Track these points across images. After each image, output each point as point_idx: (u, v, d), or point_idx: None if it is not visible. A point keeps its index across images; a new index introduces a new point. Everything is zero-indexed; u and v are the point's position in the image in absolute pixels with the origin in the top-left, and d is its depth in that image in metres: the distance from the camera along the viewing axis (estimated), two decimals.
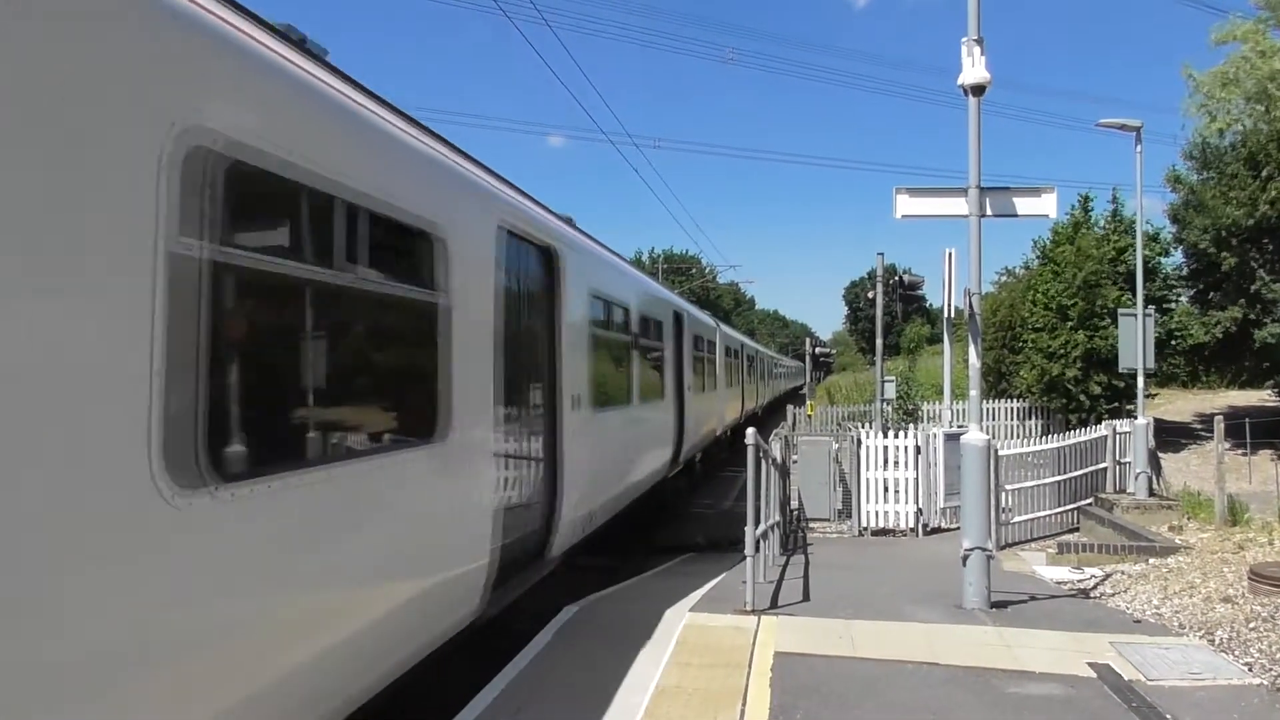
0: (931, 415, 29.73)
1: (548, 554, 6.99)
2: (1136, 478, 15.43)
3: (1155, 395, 27.91)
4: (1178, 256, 29.86)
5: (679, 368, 14.18)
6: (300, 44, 3.98)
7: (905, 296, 31.95)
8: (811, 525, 14.79)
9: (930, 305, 59.57)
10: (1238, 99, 23.92)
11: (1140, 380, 16.89)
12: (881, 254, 29.09)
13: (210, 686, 2.99)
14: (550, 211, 7.83)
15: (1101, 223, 31.47)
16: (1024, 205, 8.99)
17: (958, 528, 9.99)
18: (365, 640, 3.97)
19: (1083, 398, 26.32)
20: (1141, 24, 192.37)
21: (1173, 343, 28.25)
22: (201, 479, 2.94)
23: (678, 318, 14.22)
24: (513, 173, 7.17)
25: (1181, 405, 33.66)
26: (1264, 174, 23.53)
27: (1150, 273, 27.57)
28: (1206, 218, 24.60)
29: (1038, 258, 33.62)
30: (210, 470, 2.98)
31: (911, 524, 14.28)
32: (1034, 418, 29.09)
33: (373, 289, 4.25)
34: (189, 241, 2.92)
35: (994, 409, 29.76)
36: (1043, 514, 14.72)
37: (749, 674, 6.10)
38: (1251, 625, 7.58)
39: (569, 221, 8.60)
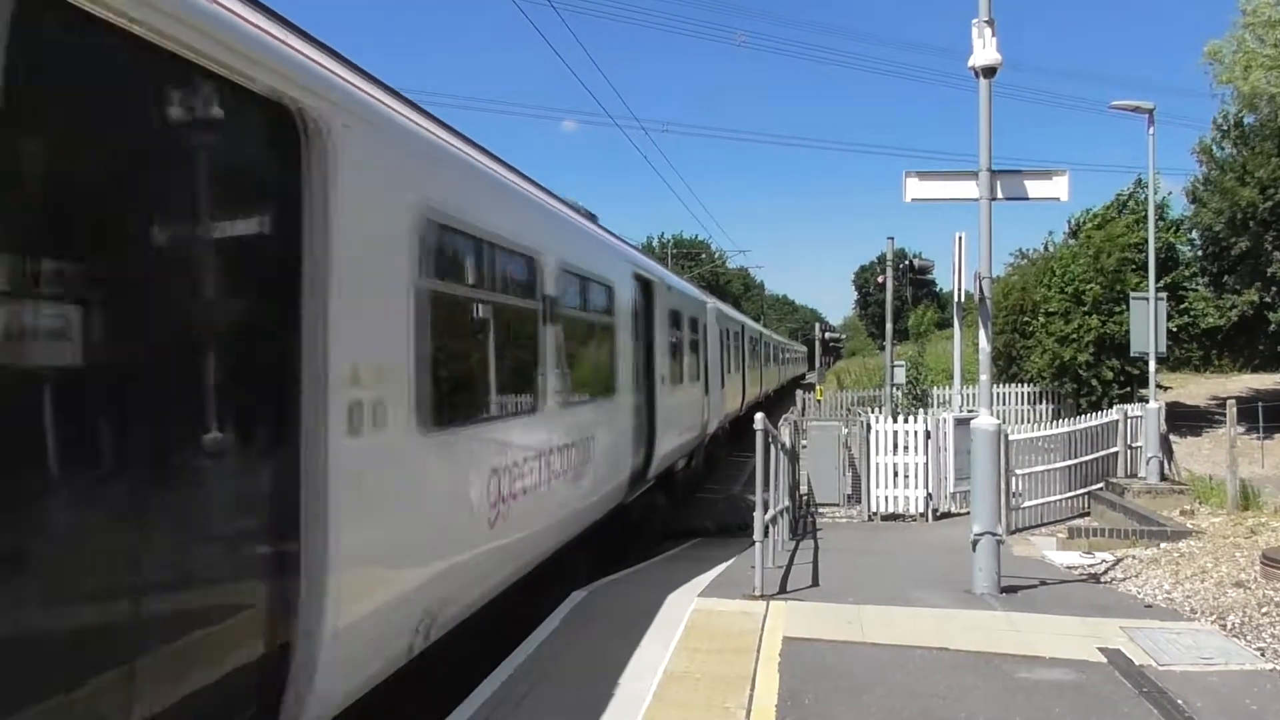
0: (941, 400, 29.65)
1: None
2: (1148, 462, 15.35)
3: (1169, 389, 27.70)
4: (1194, 240, 29.68)
5: (648, 354, 10.80)
6: None
7: (915, 281, 31.90)
8: (821, 510, 14.80)
9: (940, 289, 59.40)
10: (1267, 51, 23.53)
11: (1152, 364, 16.78)
12: (891, 238, 28.86)
13: None
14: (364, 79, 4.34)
15: (1135, 207, 31.51)
16: (1035, 188, 8.92)
17: (967, 513, 9.96)
18: None
19: (1094, 383, 26.18)
20: (1156, 6, 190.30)
21: (1189, 329, 28.08)
22: None
23: (645, 286, 10.85)
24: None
25: (1194, 389, 33.46)
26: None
27: (1172, 260, 27.40)
28: (1224, 200, 24.42)
29: (1070, 234, 33.49)
30: None
31: (921, 509, 14.26)
32: (1044, 402, 28.99)
33: None
34: None
35: (1004, 393, 29.65)
36: (1053, 499, 14.67)
37: (758, 659, 6.10)
38: (1264, 610, 7.53)
39: (471, 142, 5.69)
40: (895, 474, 14.48)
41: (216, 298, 3.33)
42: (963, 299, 14.58)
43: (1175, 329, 23.11)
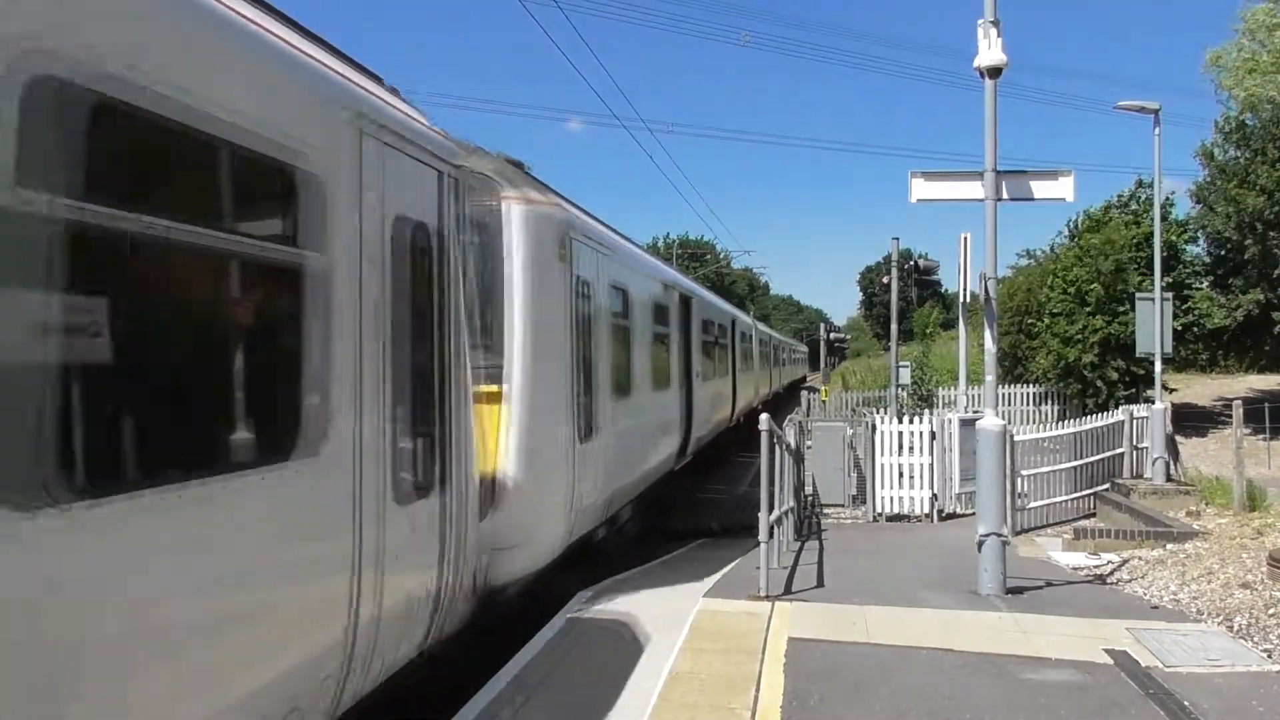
0: (946, 400, 29.60)
1: None
2: (1154, 463, 15.30)
3: (1175, 390, 27.62)
4: (1200, 242, 29.63)
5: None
6: None
7: (920, 281, 31.77)
8: (826, 511, 14.77)
9: (945, 290, 59.24)
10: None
11: (1158, 364, 16.74)
12: (896, 239, 28.92)
13: None
14: None
15: (1133, 205, 31.48)
16: (1040, 189, 8.91)
17: (973, 513, 9.94)
18: None
19: (1099, 383, 26.13)
20: (1160, 6, 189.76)
21: (1194, 329, 28.02)
22: None
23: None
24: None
25: (1200, 390, 33.36)
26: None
27: (1174, 260, 27.37)
28: (1231, 205, 24.39)
29: (1068, 238, 33.50)
30: None
31: (926, 509, 14.23)
32: (1049, 403, 28.94)
33: None
34: None
35: (1009, 394, 29.62)
36: (1059, 499, 14.63)
37: (763, 660, 6.09)
38: (1271, 611, 7.51)
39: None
40: (900, 475, 14.45)
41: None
42: (968, 300, 14.56)
43: (1180, 328, 23.05)
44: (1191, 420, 25.59)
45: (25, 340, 2.52)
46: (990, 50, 8.40)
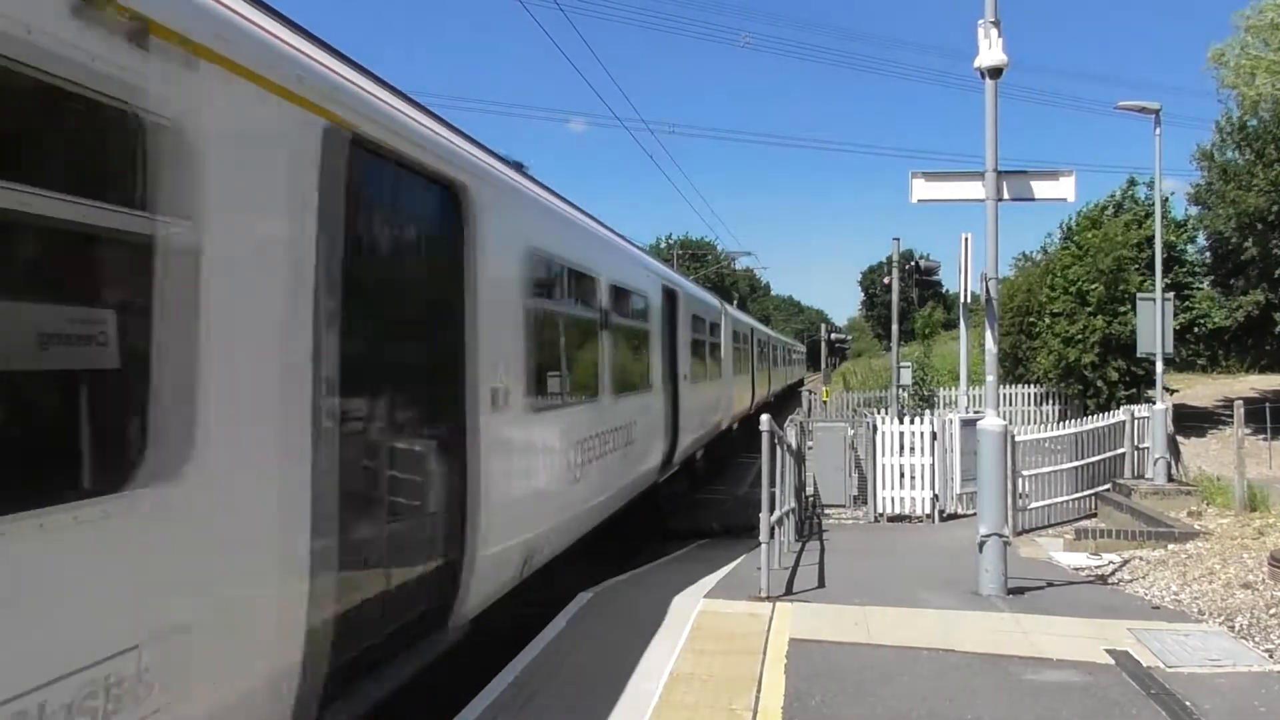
0: (947, 401, 29.61)
1: None
2: (1155, 463, 15.29)
3: (1176, 390, 27.62)
4: (1200, 242, 29.65)
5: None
6: None
7: (921, 282, 31.80)
8: (827, 511, 14.76)
9: (946, 291, 59.24)
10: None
11: (1159, 365, 16.74)
12: (898, 239, 28.96)
13: None
14: None
15: (1132, 205, 31.51)
16: (1041, 189, 8.90)
17: (974, 514, 9.94)
18: None
19: (1100, 383, 26.13)
20: (1162, 5, 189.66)
21: (1194, 329, 28.00)
22: None
23: None
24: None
25: (1201, 390, 33.37)
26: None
27: (1174, 260, 27.38)
28: (1231, 206, 24.39)
29: (1062, 239, 33.54)
30: None
31: (928, 510, 14.22)
32: (1050, 403, 28.94)
33: None
34: None
35: (1010, 394, 29.61)
36: (1060, 500, 14.62)
37: (764, 660, 6.09)
38: (1272, 612, 7.51)
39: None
40: (901, 475, 14.44)
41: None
42: (969, 300, 14.55)
43: (1179, 327, 23.10)
44: (1192, 420, 25.59)
45: None
46: (991, 51, 8.40)
